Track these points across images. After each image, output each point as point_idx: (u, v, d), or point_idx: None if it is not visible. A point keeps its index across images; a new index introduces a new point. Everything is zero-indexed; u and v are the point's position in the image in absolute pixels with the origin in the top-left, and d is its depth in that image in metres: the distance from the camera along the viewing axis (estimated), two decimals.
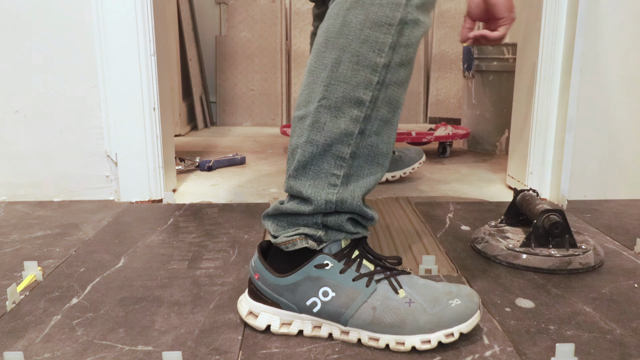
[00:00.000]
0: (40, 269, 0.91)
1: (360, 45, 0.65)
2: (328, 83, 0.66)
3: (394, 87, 0.67)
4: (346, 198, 0.68)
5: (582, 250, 0.94)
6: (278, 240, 0.71)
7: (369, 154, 0.69)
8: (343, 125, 0.67)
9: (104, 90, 1.31)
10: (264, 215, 0.74)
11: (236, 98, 2.97)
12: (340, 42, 0.66)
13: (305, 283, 0.69)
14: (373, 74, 0.66)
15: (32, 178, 1.36)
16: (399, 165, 1.55)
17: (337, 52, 0.66)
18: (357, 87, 0.66)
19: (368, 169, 0.69)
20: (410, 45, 0.67)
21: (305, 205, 0.69)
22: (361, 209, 0.69)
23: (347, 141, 0.67)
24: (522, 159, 1.46)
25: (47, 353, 0.67)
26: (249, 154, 2.07)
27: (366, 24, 0.65)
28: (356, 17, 0.65)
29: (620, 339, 0.71)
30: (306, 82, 0.69)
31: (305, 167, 0.69)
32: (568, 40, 1.32)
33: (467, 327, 0.68)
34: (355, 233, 0.71)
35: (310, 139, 0.68)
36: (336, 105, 0.66)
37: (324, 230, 0.70)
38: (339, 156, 0.68)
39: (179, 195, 1.45)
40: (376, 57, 0.65)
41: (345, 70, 0.66)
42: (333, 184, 0.68)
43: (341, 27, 0.66)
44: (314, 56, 0.69)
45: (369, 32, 0.65)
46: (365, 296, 0.68)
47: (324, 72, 0.67)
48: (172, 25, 2.38)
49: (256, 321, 0.72)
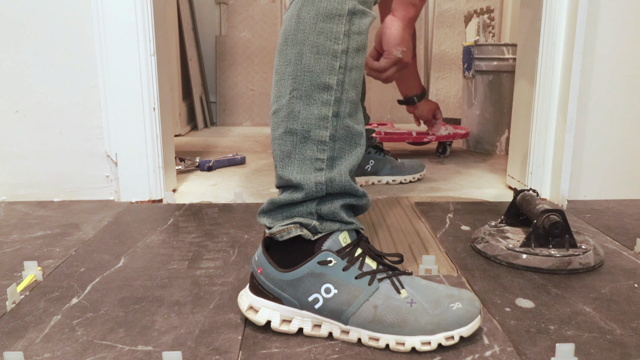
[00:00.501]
0: (40, 269, 0.91)
1: (317, 36, 0.69)
2: (295, 75, 0.70)
3: (356, 71, 0.72)
4: (334, 176, 0.71)
5: (582, 250, 0.94)
6: (273, 230, 0.72)
7: (347, 135, 0.72)
8: (316, 111, 0.70)
9: (104, 90, 1.31)
10: (259, 212, 0.75)
11: (236, 98, 2.97)
12: (299, 37, 0.70)
13: (307, 279, 0.69)
14: (334, 59, 0.70)
15: (32, 178, 1.36)
16: (400, 172, 1.58)
17: (297, 46, 0.70)
18: (322, 73, 0.70)
19: (349, 149, 0.72)
20: (361, 33, 0.71)
21: (297, 193, 0.71)
22: (352, 186, 0.72)
23: (324, 125, 0.70)
24: (522, 159, 1.46)
25: (47, 353, 0.67)
26: (249, 154, 2.07)
27: (319, 18, 0.69)
28: (308, 13, 0.69)
29: (620, 339, 0.71)
30: (275, 81, 0.73)
31: (289, 156, 0.71)
32: (568, 40, 1.32)
33: (468, 331, 0.68)
34: (349, 223, 0.72)
35: (289, 129, 0.71)
36: (306, 93, 0.70)
37: (319, 221, 0.71)
38: (320, 140, 0.70)
39: (179, 195, 1.45)
40: (334, 44, 0.69)
41: (309, 61, 0.70)
42: (319, 168, 0.71)
43: (297, 25, 0.70)
44: (278, 56, 0.73)
45: (322, 24, 0.69)
46: (367, 294, 0.68)
47: (289, 67, 0.71)
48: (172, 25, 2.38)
49: (256, 316, 0.72)
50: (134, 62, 1.29)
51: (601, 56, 1.32)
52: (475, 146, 2.19)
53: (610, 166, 1.39)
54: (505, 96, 2.05)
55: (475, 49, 2.10)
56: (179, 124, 2.51)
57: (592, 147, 1.37)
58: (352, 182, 0.72)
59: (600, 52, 1.32)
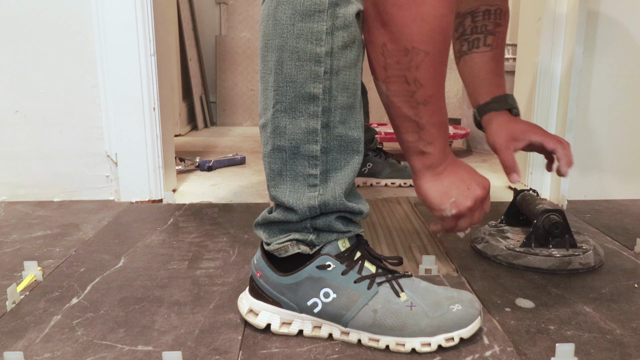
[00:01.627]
0: (40, 269, 0.91)
1: (296, 41, 0.63)
2: (277, 87, 0.65)
3: (345, 72, 0.65)
4: (328, 200, 0.67)
5: (582, 250, 0.94)
6: (270, 247, 0.71)
7: (340, 144, 0.67)
8: (304, 125, 0.65)
9: (104, 90, 1.31)
10: (255, 224, 0.74)
11: (236, 98, 2.97)
12: (277, 43, 0.64)
13: (306, 283, 0.69)
14: (317, 65, 0.63)
15: (32, 178, 1.36)
16: (402, 175, 1.55)
17: (276, 53, 0.64)
18: (305, 83, 0.64)
19: (344, 159, 0.68)
20: (348, 26, 0.64)
21: (291, 214, 0.69)
22: (346, 207, 0.69)
23: (313, 139, 0.66)
24: (522, 159, 1.46)
25: (47, 353, 0.67)
26: (249, 154, 2.07)
27: (296, 17, 0.62)
28: (285, 13, 0.63)
29: (620, 339, 0.71)
30: (260, 90, 0.68)
31: (280, 174, 0.68)
32: (568, 41, 1.32)
33: (468, 332, 0.68)
34: (347, 231, 0.71)
35: (276, 146, 0.67)
36: (291, 106, 0.65)
37: (315, 234, 0.70)
38: (310, 155, 0.67)
39: (179, 195, 1.45)
40: (315, 47, 0.63)
41: (289, 70, 0.64)
42: (312, 185, 0.67)
43: (274, 27, 0.64)
44: (260, 62, 0.68)
45: (301, 25, 0.62)
46: (366, 299, 0.68)
47: (271, 77, 0.66)
48: (172, 25, 2.38)
49: (256, 319, 0.72)
50: (134, 62, 1.29)
51: (601, 56, 1.32)
52: (475, 146, 2.19)
53: (610, 166, 1.39)
54: None
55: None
56: (179, 124, 2.51)
57: (592, 147, 1.37)
58: (346, 203, 0.68)
59: (601, 52, 1.32)
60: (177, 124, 2.49)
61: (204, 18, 2.93)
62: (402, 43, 0.68)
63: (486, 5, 1.08)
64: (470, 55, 1.07)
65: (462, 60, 1.09)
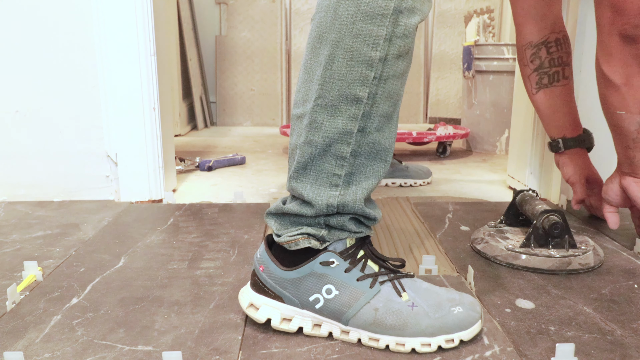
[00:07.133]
0: (40, 269, 0.91)
1: (353, 40, 0.62)
2: (323, 81, 0.64)
3: (392, 81, 0.65)
4: (348, 202, 0.68)
5: (581, 250, 0.94)
6: (281, 239, 0.71)
7: (371, 151, 0.68)
8: (341, 124, 0.65)
9: (104, 90, 1.31)
10: (267, 213, 0.74)
11: (236, 98, 2.97)
12: (333, 37, 0.63)
13: (309, 279, 0.69)
14: (369, 69, 0.63)
15: (32, 178, 1.36)
16: (403, 175, 1.55)
17: (330, 48, 0.63)
18: (352, 84, 0.64)
19: (370, 165, 0.68)
20: (407, 36, 0.64)
21: (307, 208, 0.69)
22: (363, 211, 0.69)
23: (346, 140, 0.66)
24: (522, 159, 1.46)
25: (47, 353, 0.67)
26: (249, 154, 2.07)
27: (358, 17, 0.62)
28: (347, 10, 0.62)
29: (620, 339, 0.71)
30: (302, 79, 0.68)
31: (305, 167, 0.68)
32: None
33: (468, 335, 0.68)
34: (358, 232, 0.71)
35: (309, 140, 0.67)
36: (332, 104, 0.65)
37: (327, 230, 0.70)
38: (339, 155, 0.67)
39: (179, 195, 1.45)
40: (371, 51, 0.62)
41: (340, 67, 0.63)
42: (334, 184, 0.68)
43: (332, 21, 0.63)
44: (309, 51, 0.67)
45: (361, 25, 0.62)
46: (368, 297, 0.68)
47: (318, 70, 0.65)
48: (172, 25, 2.38)
49: (256, 313, 0.72)
50: (134, 62, 1.29)
51: None
52: (475, 146, 2.19)
53: (610, 166, 1.39)
54: (505, 96, 2.05)
55: (475, 49, 2.10)
56: (179, 124, 2.51)
57: None
58: (364, 208, 0.69)
59: None
60: (177, 124, 2.49)
61: (204, 18, 2.93)
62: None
63: (555, 34, 1.14)
64: (551, 89, 1.15)
65: (542, 92, 1.17)
